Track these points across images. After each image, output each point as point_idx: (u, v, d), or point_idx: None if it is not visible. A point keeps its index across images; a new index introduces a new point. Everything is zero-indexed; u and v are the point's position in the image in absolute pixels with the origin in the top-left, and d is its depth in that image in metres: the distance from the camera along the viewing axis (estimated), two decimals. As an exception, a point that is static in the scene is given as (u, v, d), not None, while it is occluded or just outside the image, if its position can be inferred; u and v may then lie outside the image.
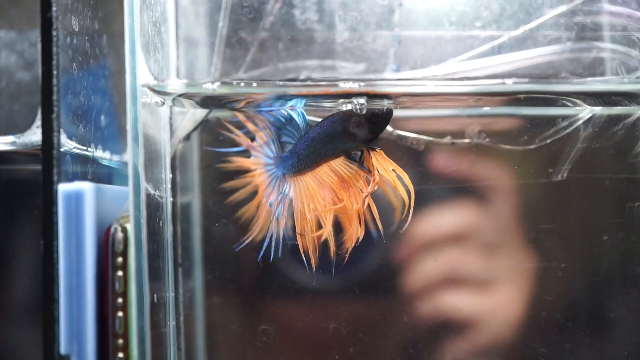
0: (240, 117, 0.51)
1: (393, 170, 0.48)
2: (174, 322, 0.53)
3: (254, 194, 0.52)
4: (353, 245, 0.49)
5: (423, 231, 0.57)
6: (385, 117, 0.49)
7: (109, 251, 0.44)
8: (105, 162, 0.53)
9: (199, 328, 0.56)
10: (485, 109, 0.56)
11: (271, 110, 0.50)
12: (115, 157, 0.55)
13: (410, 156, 0.56)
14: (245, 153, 0.52)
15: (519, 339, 0.57)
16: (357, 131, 0.48)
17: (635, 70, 0.55)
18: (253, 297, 0.57)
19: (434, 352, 0.57)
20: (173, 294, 0.53)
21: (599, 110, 0.54)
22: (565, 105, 0.54)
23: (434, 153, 0.56)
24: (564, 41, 0.54)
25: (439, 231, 0.57)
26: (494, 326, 0.57)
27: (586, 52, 0.55)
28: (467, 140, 0.56)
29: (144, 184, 0.44)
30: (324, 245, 0.50)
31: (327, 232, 0.49)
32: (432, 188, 0.57)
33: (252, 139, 0.51)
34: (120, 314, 0.43)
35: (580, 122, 0.55)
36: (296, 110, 0.50)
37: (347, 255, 0.49)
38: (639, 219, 0.56)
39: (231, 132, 0.51)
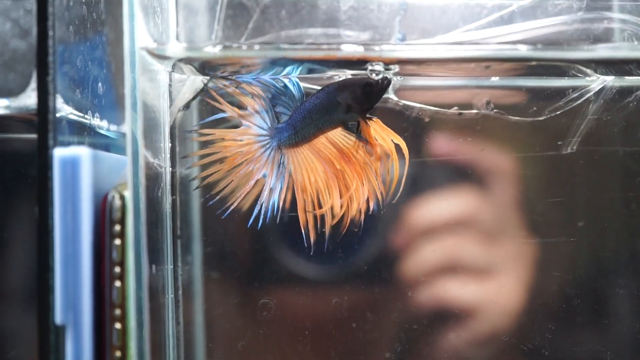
0: (229, 86, 0.49)
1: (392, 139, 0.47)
2: (172, 295, 0.52)
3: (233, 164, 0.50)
4: (359, 218, 0.49)
5: (423, 216, 0.56)
6: (381, 86, 0.48)
7: (106, 219, 0.42)
8: (102, 132, 0.52)
9: (197, 302, 0.55)
10: (494, 79, 0.54)
11: (265, 81, 0.49)
12: (113, 127, 0.54)
13: (416, 128, 0.55)
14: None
15: (526, 318, 0.56)
16: (352, 101, 0.47)
17: (647, 40, 0.53)
18: (253, 271, 0.55)
19: (432, 341, 0.56)
20: (172, 267, 0.52)
21: (610, 81, 0.53)
22: (575, 76, 0.53)
23: (435, 136, 0.55)
24: (574, 10, 0.53)
25: (439, 216, 0.56)
26: (495, 313, 0.56)
27: (597, 23, 0.54)
28: (474, 111, 0.54)
29: (142, 151, 0.43)
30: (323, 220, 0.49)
31: (332, 204, 0.48)
32: (432, 170, 0.56)
33: (240, 107, 0.50)
34: (117, 283, 0.42)
35: (591, 93, 0.54)
36: (291, 79, 0.49)
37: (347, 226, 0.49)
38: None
39: (218, 101, 0.49)
